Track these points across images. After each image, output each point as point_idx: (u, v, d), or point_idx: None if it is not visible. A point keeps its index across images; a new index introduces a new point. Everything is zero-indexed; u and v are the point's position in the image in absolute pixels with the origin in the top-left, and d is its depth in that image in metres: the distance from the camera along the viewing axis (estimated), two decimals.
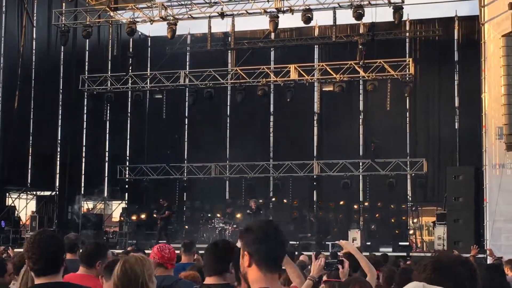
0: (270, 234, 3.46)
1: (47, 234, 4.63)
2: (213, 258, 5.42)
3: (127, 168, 33.12)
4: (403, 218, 30.74)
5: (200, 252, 9.91)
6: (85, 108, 32.23)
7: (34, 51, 29.79)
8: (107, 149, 33.84)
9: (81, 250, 7.41)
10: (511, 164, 22.48)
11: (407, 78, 28.32)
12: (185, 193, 33.62)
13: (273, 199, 32.04)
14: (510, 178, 22.35)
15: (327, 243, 26.57)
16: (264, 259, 3.43)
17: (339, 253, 7.65)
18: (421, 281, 2.97)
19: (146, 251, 14.03)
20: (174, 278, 6.67)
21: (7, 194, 29.02)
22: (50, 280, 4.51)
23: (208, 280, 5.39)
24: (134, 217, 31.21)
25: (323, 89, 30.39)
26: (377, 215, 30.76)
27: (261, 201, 29.64)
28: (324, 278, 6.12)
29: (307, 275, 6.21)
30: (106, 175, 33.43)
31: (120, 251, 15.51)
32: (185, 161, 33.44)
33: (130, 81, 30.81)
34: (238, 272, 3.68)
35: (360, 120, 32.47)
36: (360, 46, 28.86)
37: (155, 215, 28.47)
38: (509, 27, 21.23)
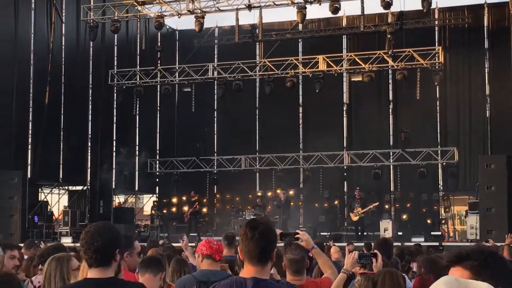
0: (247, 235, 4.21)
1: (101, 225, 4.67)
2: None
3: (158, 162, 33.27)
4: (435, 207, 30.50)
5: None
6: (115, 102, 32.37)
7: (63, 47, 29.95)
8: (137, 143, 33.99)
9: None
10: None
11: (437, 67, 28.12)
12: (215, 186, 33.66)
13: (304, 190, 31.92)
14: None
15: (364, 233, 26.55)
16: (244, 255, 4.26)
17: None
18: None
19: (175, 244, 14.10)
20: (224, 275, 6.51)
21: (40, 189, 29.27)
22: (101, 274, 4.54)
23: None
24: (165, 211, 31.40)
25: (352, 80, 30.24)
26: (408, 205, 30.55)
27: (291, 192, 29.62)
28: (360, 270, 6.05)
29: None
30: (137, 169, 33.59)
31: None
32: (215, 154, 33.50)
33: (159, 75, 30.92)
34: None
35: (390, 110, 32.26)
36: (389, 36, 28.67)
37: (185, 209, 28.70)
38: None
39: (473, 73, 31.25)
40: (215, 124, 35.01)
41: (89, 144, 31.07)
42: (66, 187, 30.97)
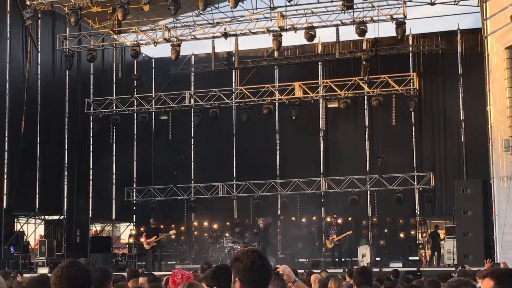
0: (257, 263, 4.13)
1: (74, 267, 4.51)
2: None
3: (135, 190, 33.12)
4: (412, 232, 30.64)
5: None
6: (91, 131, 32.20)
7: (39, 76, 29.81)
8: (114, 172, 33.84)
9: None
10: None
11: (412, 93, 28.37)
12: (193, 214, 33.55)
13: (281, 217, 31.91)
14: None
15: (342, 259, 26.55)
16: (251, 284, 4.11)
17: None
18: None
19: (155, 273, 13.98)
20: None
21: (16, 219, 29.01)
22: None
23: None
24: (142, 239, 31.16)
25: (328, 106, 30.41)
26: (386, 230, 30.67)
27: (269, 219, 29.58)
28: None
29: None
30: (114, 197, 33.42)
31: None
32: (192, 181, 33.43)
33: (135, 103, 30.89)
34: None
35: (366, 135, 32.47)
36: (364, 62, 28.93)
37: (145, 242, 26.71)
38: None
39: (447, 98, 31.57)
40: (192, 151, 34.99)
41: (66, 173, 30.85)
42: (43, 217, 30.70)
